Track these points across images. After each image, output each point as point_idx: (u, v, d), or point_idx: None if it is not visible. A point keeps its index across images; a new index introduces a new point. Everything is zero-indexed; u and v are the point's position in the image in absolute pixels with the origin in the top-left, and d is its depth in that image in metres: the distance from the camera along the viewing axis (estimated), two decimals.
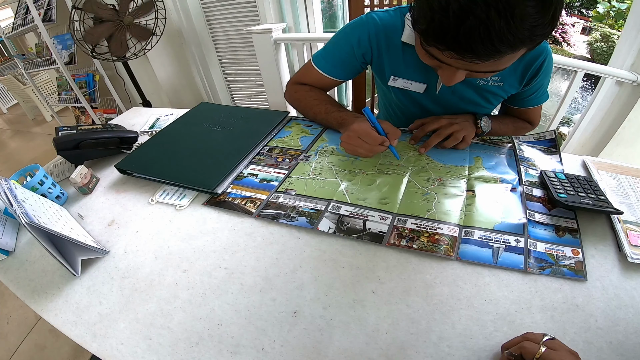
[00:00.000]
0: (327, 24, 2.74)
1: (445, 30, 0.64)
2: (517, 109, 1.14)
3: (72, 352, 1.71)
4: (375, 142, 0.90)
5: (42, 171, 0.91)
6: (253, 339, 0.60)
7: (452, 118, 1.02)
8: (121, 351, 0.60)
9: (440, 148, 0.99)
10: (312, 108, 1.14)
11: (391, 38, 1.00)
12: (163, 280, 0.71)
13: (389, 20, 0.99)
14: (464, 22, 0.61)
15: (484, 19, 0.59)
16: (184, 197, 0.91)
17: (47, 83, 4.49)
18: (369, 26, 1.00)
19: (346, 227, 0.77)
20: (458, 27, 0.62)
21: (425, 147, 0.98)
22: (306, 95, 1.17)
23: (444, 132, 0.98)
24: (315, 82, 1.18)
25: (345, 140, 0.94)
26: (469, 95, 1.04)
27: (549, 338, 0.50)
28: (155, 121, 1.35)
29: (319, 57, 1.13)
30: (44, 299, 0.71)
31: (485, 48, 0.63)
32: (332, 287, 0.67)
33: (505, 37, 0.61)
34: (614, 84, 1.83)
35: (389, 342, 0.58)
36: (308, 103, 1.16)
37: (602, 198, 0.76)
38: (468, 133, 0.98)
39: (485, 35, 0.61)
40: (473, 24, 0.60)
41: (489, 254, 0.69)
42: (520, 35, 0.62)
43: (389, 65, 1.05)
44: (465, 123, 1.00)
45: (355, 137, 0.91)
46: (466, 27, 0.61)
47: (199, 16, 2.92)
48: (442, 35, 0.66)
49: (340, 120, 1.06)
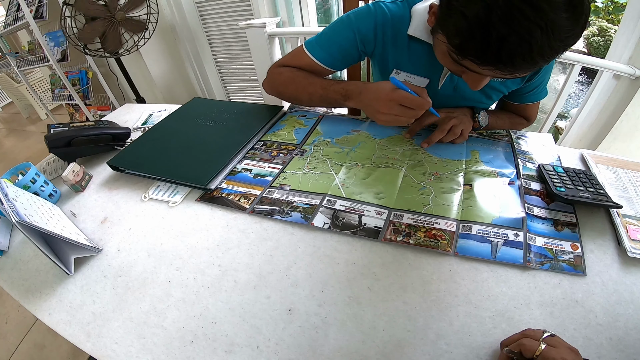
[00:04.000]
0: (322, 18, 2.72)
1: (486, 48, 0.63)
2: (515, 104, 1.12)
3: (71, 350, 1.71)
4: (422, 106, 0.85)
5: (33, 169, 0.89)
6: (247, 338, 0.59)
7: (449, 112, 1.00)
8: (115, 350, 0.60)
9: (437, 142, 0.97)
10: (305, 88, 1.06)
11: (398, 30, 0.96)
12: (156, 279, 0.70)
13: (397, 11, 0.95)
14: (506, 40, 0.60)
15: (525, 36, 0.59)
16: (176, 194, 0.90)
17: (40, 81, 4.45)
18: (376, 16, 0.96)
19: (341, 222, 0.76)
20: (500, 45, 0.61)
21: (428, 142, 0.96)
22: (294, 76, 1.08)
23: (445, 126, 0.96)
24: (304, 69, 1.10)
25: (387, 112, 0.87)
26: (469, 91, 1.01)
27: (548, 335, 0.50)
28: (148, 117, 1.33)
29: (313, 44, 1.06)
30: (38, 299, 0.70)
31: (526, 63, 0.63)
32: (327, 284, 0.66)
33: (545, 52, 0.61)
34: (611, 78, 1.83)
35: (385, 340, 0.57)
36: (298, 84, 1.07)
37: (601, 192, 0.75)
38: (466, 127, 0.97)
39: (527, 51, 0.61)
40: (515, 41, 0.60)
41: (487, 249, 0.68)
42: (556, 48, 0.62)
43: (393, 58, 1.02)
44: (463, 117, 0.99)
45: (396, 106, 0.86)
46: (508, 45, 0.61)
47: (192, 11, 2.89)
48: (482, 53, 0.65)
49: (344, 92, 0.99)
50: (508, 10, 0.58)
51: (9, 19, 2.86)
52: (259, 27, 2.39)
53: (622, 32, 1.76)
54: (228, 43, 3.02)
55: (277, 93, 1.15)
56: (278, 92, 1.15)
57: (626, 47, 1.76)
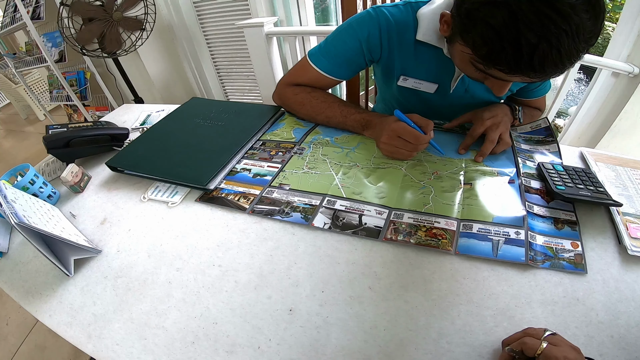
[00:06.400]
0: (320, 17, 2.71)
1: (518, 58, 0.64)
2: (523, 100, 1.12)
3: (72, 352, 1.70)
4: (418, 140, 0.85)
5: (32, 170, 0.89)
6: (249, 338, 0.59)
7: (492, 113, 0.95)
8: (117, 352, 0.60)
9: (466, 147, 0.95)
10: (323, 112, 1.05)
11: (403, 35, 0.94)
12: (157, 279, 0.70)
13: (400, 16, 0.93)
14: (537, 48, 0.61)
15: (554, 42, 0.60)
16: (175, 194, 0.90)
17: (38, 82, 4.44)
18: (379, 21, 0.94)
19: (342, 222, 0.76)
20: (532, 54, 0.62)
21: (481, 155, 0.90)
22: (310, 98, 1.07)
23: (494, 136, 0.91)
24: (312, 82, 1.09)
25: (387, 142, 0.89)
26: (480, 92, 1.00)
27: (550, 333, 0.50)
28: (147, 117, 1.33)
29: (317, 55, 1.04)
30: (38, 300, 0.70)
31: (557, 68, 0.64)
32: (328, 283, 0.66)
33: (572, 55, 0.62)
34: (609, 76, 1.82)
35: (387, 339, 0.57)
36: (315, 107, 1.06)
37: (601, 190, 0.75)
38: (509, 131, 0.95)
39: (557, 57, 0.62)
40: (546, 48, 0.61)
41: (488, 247, 0.68)
42: (581, 49, 0.63)
43: (399, 64, 1.00)
44: (506, 118, 0.96)
45: (396, 137, 0.87)
46: (540, 54, 0.62)
47: (190, 10, 2.88)
48: (514, 62, 0.65)
49: (364, 122, 0.99)
50: (535, 18, 0.59)
51: (6, 20, 2.85)
52: (256, 27, 2.39)
53: (620, 30, 1.76)
54: (226, 43, 3.02)
55: (291, 110, 1.16)
56: (292, 110, 1.15)
57: (624, 45, 1.76)
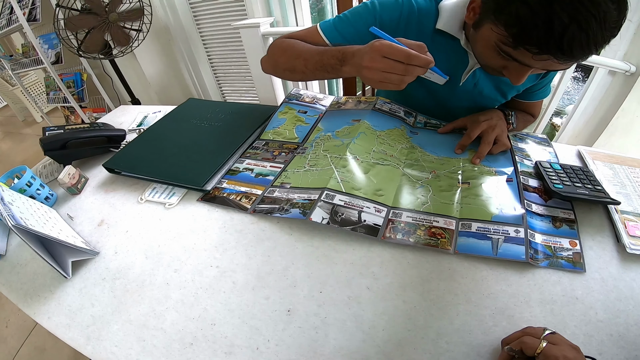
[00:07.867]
0: (316, 18, 2.71)
1: (549, 36, 0.64)
2: (522, 102, 1.12)
3: (72, 354, 1.69)
4: (410, 58, 0.72)
5: (29, 172, 0.89)
6: (247, 339, 0.59)
7: (487, 117, 0.96)
8: (115, 354, 0.59)
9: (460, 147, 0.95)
10: (301, 54, 0.95)
11: (423, 24, 0.93)
12: (154, 281, 0.70)
13: (424, 5, 0.93)
14: (568, 28, 0.62)
15: (584, 25, 0.61)
16: (173, 195, 0.90)
17: (35, 83, 4.42)
18: (403, 7, 0.92)
19: (340, 217, 0.75)
20: (562, 34, 0.63)
21: (479, 157, 0.90)
22: (293, 43, 0.99)
23: (490, 138, 0.92)
24: None
25: (371, 65, 0.75)
26: (487, 89, 1.00)
27: (549, 332, 0.50)
28: (143, 119, 1.33)
29: (330, 26, 0.98)
30: (37, 302, 0.70)
31: (583, 52, 0.65)
32: (326, 283, 0.66)
33: (598, 41, 0.64)
34: (606, 74, 1.83)
35: (386, 340, 0.57)
36: (295, 50, 0.97)
37: (599, 188, 0.75)
38: (506, 134, 0.95)
39: (585, 41, 0.63)
40: (575, 30, 0.62)
41: (488, 246, 0.67)
42: (606, 37, 0.64)
43: None
44: (500, 122, 0.96)
45: (381, 58, 0.73)
46: (569, 35, 0.62)
47: (186, 11, 2.88)
48: (545, 41, 0.65)
49: (340, 55, 0.85)
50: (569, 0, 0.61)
51: (2, 22, 2.84)
52: (252, 27, 2.38)
53: None
54: (222, 43, 3.01)
55: (273, 63, 1.06)
56: (274, 62, 1.05)
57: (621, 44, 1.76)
